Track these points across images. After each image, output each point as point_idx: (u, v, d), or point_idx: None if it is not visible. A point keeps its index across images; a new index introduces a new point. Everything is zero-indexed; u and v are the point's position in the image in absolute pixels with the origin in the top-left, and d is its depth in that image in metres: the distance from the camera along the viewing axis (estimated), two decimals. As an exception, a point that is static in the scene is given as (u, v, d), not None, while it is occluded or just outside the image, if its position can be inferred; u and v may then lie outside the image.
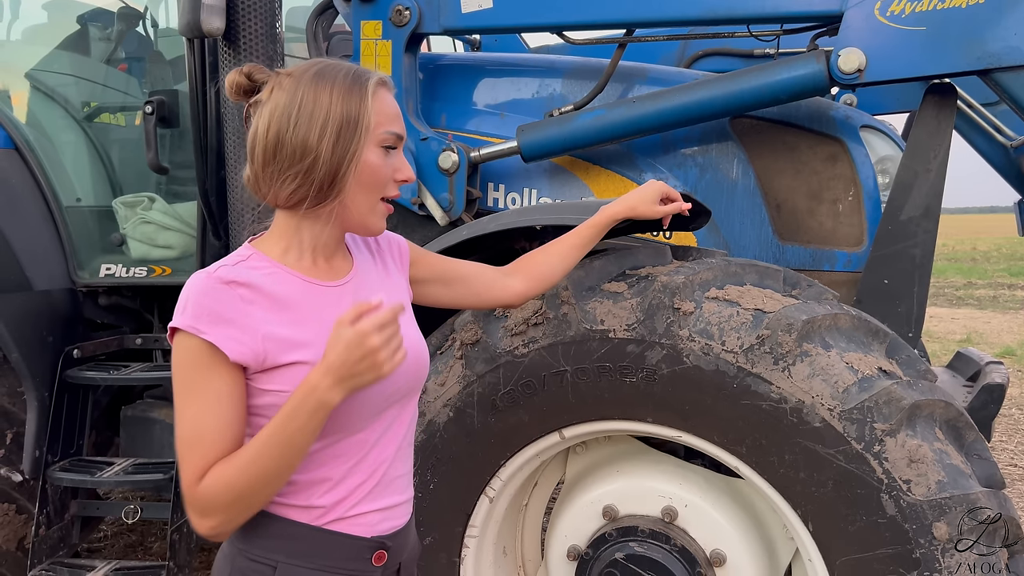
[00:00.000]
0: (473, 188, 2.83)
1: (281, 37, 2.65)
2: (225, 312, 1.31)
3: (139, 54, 3.36)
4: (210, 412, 1.30)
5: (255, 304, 1.33)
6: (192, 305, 1.31)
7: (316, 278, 1.42)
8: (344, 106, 1.35)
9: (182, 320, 1.30)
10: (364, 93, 1.36)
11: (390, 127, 1.40)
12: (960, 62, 2.31)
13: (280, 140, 1.35)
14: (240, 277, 1.34)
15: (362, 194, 1.39)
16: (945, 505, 1.76)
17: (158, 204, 2.95)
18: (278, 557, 1.36)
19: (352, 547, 1.40)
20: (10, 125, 3.01)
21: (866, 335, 1.98)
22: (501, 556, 2.35)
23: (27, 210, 2.94)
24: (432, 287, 1.70)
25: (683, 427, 1.99)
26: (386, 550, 1.43)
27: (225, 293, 1.32)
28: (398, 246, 1.64)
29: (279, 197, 1.38)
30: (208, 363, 1.30)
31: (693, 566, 2.09)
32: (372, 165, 1.38)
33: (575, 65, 2.99)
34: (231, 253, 1.43)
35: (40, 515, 2.81)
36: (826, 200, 2.69)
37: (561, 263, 1.85)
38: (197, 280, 1.33)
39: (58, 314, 2.95)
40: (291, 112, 1.34)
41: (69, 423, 2.91)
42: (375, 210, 1.42)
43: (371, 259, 1.56)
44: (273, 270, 1.39)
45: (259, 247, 1.42)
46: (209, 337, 1.29)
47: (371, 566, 1.42)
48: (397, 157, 1.43)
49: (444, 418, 2.14)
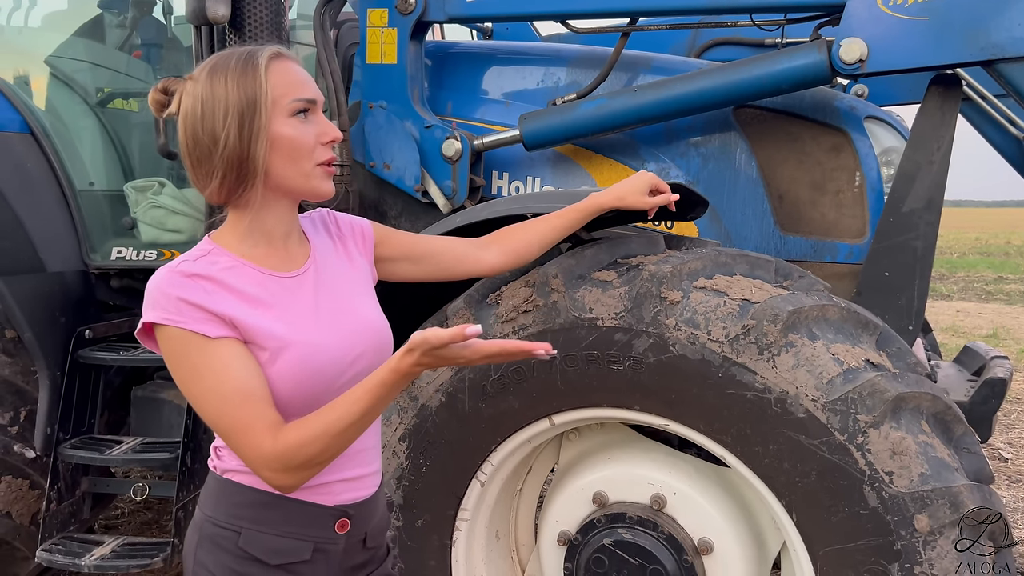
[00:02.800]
0: (476, 176, 2.85)
1: (286, 24, 2.68)
2: (193, 299, 1.34)
3: (155, 40, 3.41)
4: (224, 383, 1.33)
5: (217, 295, 1.37)
6: (161, 299, 1.34)
7: (274, 269, 1.45)
8: (240, 91, 1.38)
9: (155, 314, 1.34)
10: (256, 71, 1.39)
11: (296, 94, 1.41)
12: (963, 53, 2.29)
13: (196, 140, 1.39)
14: (202, 271, 1.38)
15: (290, 166, 1.41)
16: (927, 498, 1.76)
17: (168, 189, 3.01)
18: (242, 523, 1.41)
19: (315, 515, 1.44)
20: (26, 110, 3.07)
21: (855, 327, 1.98)
22: (494, 540, 2.38)
23: (42, 193, 3.00)
24: (401, 264, 1.73)
25: (670, 415, 2.00)
26: (349, 518, 1.47)
27: (189, 284, 1.36)
28: (361, 229, 1.67)
29: (215, 194, 1.43)
30: (198, 344, 1.34)
31: (680, 553, 2.10)
32: (287, 137, 1.40)
33: (580, 53, 3.00)
34: (192, 248, 1.46)
35: (52, 491, 2.89)
36: (829, 191, 2.68)
37: (539, 240, 1.88)
38: (160, 276, 1.37)
39: (71, 295, 3.01)
40: (197, 112, 1.39)
41: (81, 402, 2.98)
42: (311, 175, 1.43)
43: (331, 243, 1.59)
44: (233, 264, 1.42)
45: (218, 240, 1.46)
46: (185, 325, 1.33)
47: (334, 533, 1.47)
48: (316, 121, 1.44)
49: (436, 403, 2.17)
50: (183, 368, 1.35)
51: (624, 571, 2.13)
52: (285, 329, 1.39)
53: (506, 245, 1.87)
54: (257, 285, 1.42)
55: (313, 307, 1.46)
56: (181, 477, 2.76)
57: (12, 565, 3.09)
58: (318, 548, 1.45)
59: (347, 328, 1.47)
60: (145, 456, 2.86)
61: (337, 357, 1.43)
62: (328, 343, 1.43)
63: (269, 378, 1.38)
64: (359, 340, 1.48)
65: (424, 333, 1.23)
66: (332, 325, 1.46)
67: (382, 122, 2.86)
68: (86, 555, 2.75)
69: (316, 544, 1.45)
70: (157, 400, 3.08)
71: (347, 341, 1.46)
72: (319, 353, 1.41)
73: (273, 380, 1.38)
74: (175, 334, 1.33)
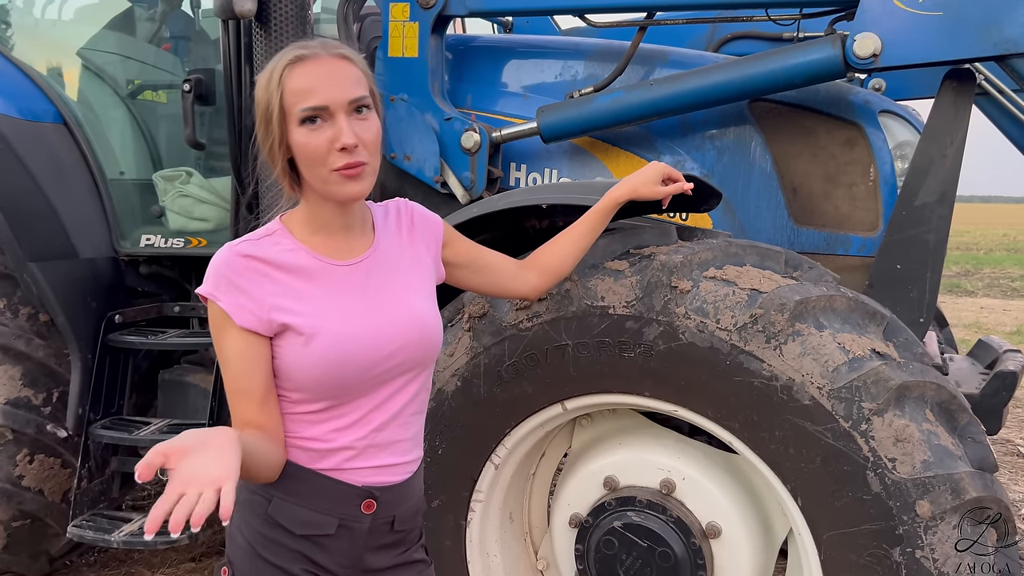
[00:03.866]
0: (495, 167, 2.91)
1: (311, 18, 2.75)
2: (238, 281, 1.45)
3: (184, 33, 3.50)
4: (229, 370, 1.47)
5: (267, 276, 1.46)
6: (213, 274, 1.46)
7: (329, 257, 1.51)
8: (263, 97, 1.45)
9: (204, 287, 1.47)
10: (273, 79, 1.44)
11: (301, 103, 1.42)
12: (976, 47, 2.31)
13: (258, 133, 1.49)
14: (257, 252, 1.47)
15: (309, 171, 1.46)
16: (929, 484, 1.80)
17: (195, 178, 3.09)
18: (273, 492, 1.49)
19: (342, 493, 1.51)
20: (60, 101, 3.17)
21: (862, 317, 2.01)
22: (507, 521, 2.45)
23: (74, 182, 3.10)
24: (460, 271, 1.76)
25: (679, 402, 2.05)
26: (375, 500, 1.53)
27: (242, 265, 1.46)
28: (434, 226, 1.70)
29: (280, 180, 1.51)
30: (224, 325, 1.46)
31: (688, 537, 2.16)
32: (300, 144, 1.44)
33: (598, 47, 3.04)
34: (263, 226, 1.54)
35: (82, 469, 2.99)
36: (842, 184, 2.71)
37: (571, 253, 1.90)
38: (221, 252, 1.48)
39: (101, 281, 3.11)
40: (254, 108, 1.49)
41: (110, 384, 3.09)
42: (328, 181, 1.45)
43: (398, 236, 1.62)
44: (293, 247, 1.49)
45: (286, 223, 1.53)
46: (222, 304, 1.44)
47: (360, 512, 1.53)
48: (330, 128, 1.42)
49: (452, 387, 2.23)
50: (215, 341, 1.49)
51: (633, 553, 2.18)
52: (320, 316, 1.46)
53: (544, 266, 1.88)
54: (308, 271, 1.49)
55: (357, 297, 1.51)
56: (205, 458, 2.84)
57: (44, 541, 3.20)
58: (343, 524, 1.52)
59: (388, 320, 1.51)
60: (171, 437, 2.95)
61: (370, 348, 1.47)
62: (361, 334, 1.47)
63: (300, 361, 1.45)
64: (399, 333, 1.51)
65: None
66: (372, 316, 1.50)
67: (403, 114, 2.92)
68: (115, 531, 2.85)
69: (341, 520, 1.51)
70: (183, 383, 3.18)
71: (386, 333, 1.50)
72: (347, 342, 1.46)
73: (302, 364, 1.45)
74: (215, 309, 1.46)
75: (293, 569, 1.50)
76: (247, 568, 1.51)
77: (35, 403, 3.01)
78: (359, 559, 1.56)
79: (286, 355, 1.46)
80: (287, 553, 1.50)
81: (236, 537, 1.53)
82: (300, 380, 1.46)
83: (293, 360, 1.45)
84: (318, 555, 1.51)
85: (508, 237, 2.54)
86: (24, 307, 3.01)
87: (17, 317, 3.00)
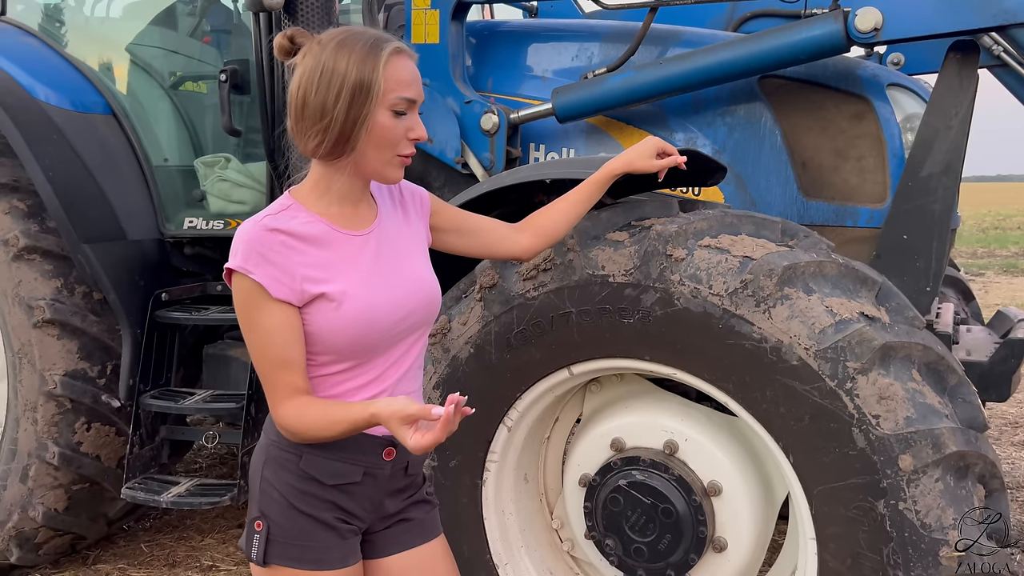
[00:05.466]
0: (513, 148, 3.03)
1: (336, 9, 2.91)
2: (269, 255, 1.55)
3: (223, 26, 3.69)
4: (268, 344, 1.57)
5: (294, 249, 1.57)
6: (243, 249, 1.56)
7: (344, 227, 1.64)
8: (358, 73, 1.53)
9: (235, 262, 1.56)
10: (377, 61, 1.54)
11: (401, 93, 1.56)
12: (975, 19, 2.36)
13: (305, 101, 1.56)
14: (282, 225, 1.58)
15: (375, 151, 1.59)
16: (911, 439, 1.88)
17: (233, 164, 3.28)
18: (303, 449, 1.63)
19: (366, 443, 1.66)
20: (108, 94, 3.39)
21: (853, 282, 2.09)
22: (522, 482, 2.59)
23: (123, 169, 3.32)
24: (450, 236, 1.90)
25: (677, 365, 2.16)
26: (395, 448, 1.69)
27: (269, 238, 1.56)
28: (420, 197, 1.85)
29: (308, 148, 1.61)
30: (258, 300, 1.55)
31: (690, 494, 2.26)
32: (383, 126, 1.56)
33: (613, 29, 3.14)
34: (274, 202, 1.66)
35: (134, 436, 3.22)
36: (851, 157, 2.76)
37: (565, 218, 2.03)
38: (246, 227, 1.58)
39: (149, 261, 3.33)
40: (315, 76, 1.55)
41: (159, 357, 3.31)
42: (390, 163, 1.61)
43: (393, 208, 1.77)
44: (309, 219, 1.61)
45: (296, 196, 1.65)
46: (256, 277, 1.54)
47: (382, 460, 1.68)
48: (410, 118, 1.59)
49: (465, 354, 2.37)
50: (245, 316, 1.58)
51: (638, 510, 2.30)
52: (348, 284, 1.59)
53: (537, 228, 2.01)
54: (328, 241, 1.61)
55: (374, 265, 1.65)
56: (246, 425, 3.04)
57: (102, 504, 3.44)
58: (368, 472, 1.67)
59: (402, 287, 1.66)
60: (215, 406, 3.16)
61: (391, 312, 1.63)
62: (384, 300, 1.62)
63: (332, 325, 1.58)
64: (412, 298, 1.67)
65: (401, 403, 1.46)
66: (389, 283, 1.65)
67: (425, 98, 3.05)
68: (164, 493, 3.07)
69: (366, 469, 1.67)
70: (226, 357, 3.39)
71: (401, 298, 1.65)
72: (375, 308, 1.60)
73: (335, 327, 1.58)
74: (246, 283, 1.55)
75: (325, 516, 1.65)
76: (282, 520, 1.64)
77: (91, 375, 3.24)
78: (380, 504, 1.73)
79: (318, 321, 1.58)
80: (319, 503, 1.64)
81: (270, 492, 1.66)
82: (331, 343, 1.60)
83: (325, 325, 1.58)
84: (346, 502, 1.67)
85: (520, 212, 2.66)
86: (79, 286, 3.24)
87: (73, 295, 3.23)
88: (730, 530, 2.28)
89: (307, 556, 1.64)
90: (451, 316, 2.38)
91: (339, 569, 1.66)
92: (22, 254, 3.17)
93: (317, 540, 1.64)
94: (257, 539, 1.64)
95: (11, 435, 3.26)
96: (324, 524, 1.65)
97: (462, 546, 2.47)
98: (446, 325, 2.38)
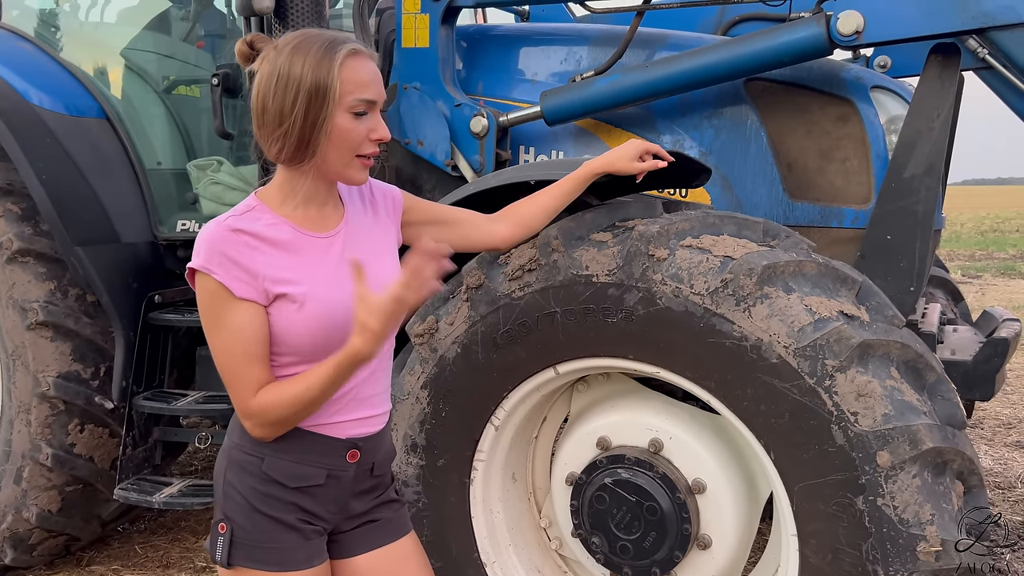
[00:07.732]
0: (503, 151, 3.06)
1: (326, 13, 2.94)
2: (232, 255, 1.55)
3: (217, 31, 3.73)
4: (234, 342, 1.57)
5: (257, 250, 1.58)
6: (205, 249, 1.56)
7: (309, 229, 1.66)
8: (313, 77, 1.54)
9: (197, 262, 1.57)
10: (332, 64, 1.55)
11: (359, 94, 1.57)
12: (955, 21, 2.39)
13: (264, 107, 1.58)
14: (245, 226, 1.59)
15: (336, 153, 1.60)
16: (888, 436, 1.91)
17: (225, 167, 3.31)
18: (265, 451, 1.64)
19: (329, 446, 1.67)
20: (102, 98, 3.42)
21: (833, 281, 2.12)
22: (510, 481, 2.61)
23: (116, 172, 3.36)
24: (425, 229, 1.91)
25: (660, 363, 2.18)
26: (359, 450, 1.70)
27: (232, 238, 1.57)
28: (392, 196, 1.87)
29: (271, 153, 1.63)
30: (222, 299, 1.56)
31: (674, 492, 2.29)
32: (343, 129, 1.58)
33: (601, 33, 3.17)
34: (240, 203, 1.68)
35: (127, 437, 3.25)
36: (836, 159, 2.79)
37: (543, 211, 2.07)
38: (209, 228, 1.59)
39: (142, 264, 3.36)
40: (272, 82, 1.56)
41: (152, 359, 3.33)
42: (351, 165, 1.63)
43: (363, 208, 1.79)
44: (274, 221, 1.62)
45: (263, 198, 1.66)
46: (219, 277, 1.54)
47: (346, 462, 1.70)
48: (371, 119, 1.61)
49: (453, 354, 2.40)
50: (208, 316, 1.58)
51: (623, 508, 2.32)
52: (311, 285, 1.60)
53: (515, 218, 2.06)
54: (292, 243, 1.62)
55: (338, 267, 1.66)
56: (238, 426, 3.06)
57: (96, 506, 3.46)
58: (331, 474, 1.68)
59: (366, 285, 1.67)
60: (208, 407, 3.18)
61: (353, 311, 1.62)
62: (347, 300, 1.61)
63: (294, 326, 1.59)
64: None
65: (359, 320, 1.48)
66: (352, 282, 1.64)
67: (416, 102, 3.09)
68: (156, 493, 3.10)
69: (329, 471, 1.68)
70: (219, 359, 3.41)
71: None
72: (339, 308, 1.61)
73: (298, 328, 1.59)
74: (210, 283, 1.55)
75: (288, 519, 1.65)
76: (245, 522, 1.64)
77: (84, 377, 3.26)
78: (345, 505, 1.74)
79: (280, 321, 1.58)
80: (281, 505, 1.65)
81: (232, 495, 1.66)
82: (293, 344, 1.60)
83: (287, 325, 1.59)
84: (309, 504, 1.68)
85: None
86: (72, 288, 3.27)
87: (67, 297, 3.26)
88: (714, 527, 2.30)
89: (271, 558, 1.64)
90: (438, 316, 2.41)
91: (304, 570, 1.66)
92: (16, 257, 3.20)
93: (281, 542, 1.65)
94: (221, 541, 1.65)
95: (5, 437, 3.29)
96: (287, 526, 1.65)
97: (450, 545, 2.50)
98: (433, 325, 2.41)
